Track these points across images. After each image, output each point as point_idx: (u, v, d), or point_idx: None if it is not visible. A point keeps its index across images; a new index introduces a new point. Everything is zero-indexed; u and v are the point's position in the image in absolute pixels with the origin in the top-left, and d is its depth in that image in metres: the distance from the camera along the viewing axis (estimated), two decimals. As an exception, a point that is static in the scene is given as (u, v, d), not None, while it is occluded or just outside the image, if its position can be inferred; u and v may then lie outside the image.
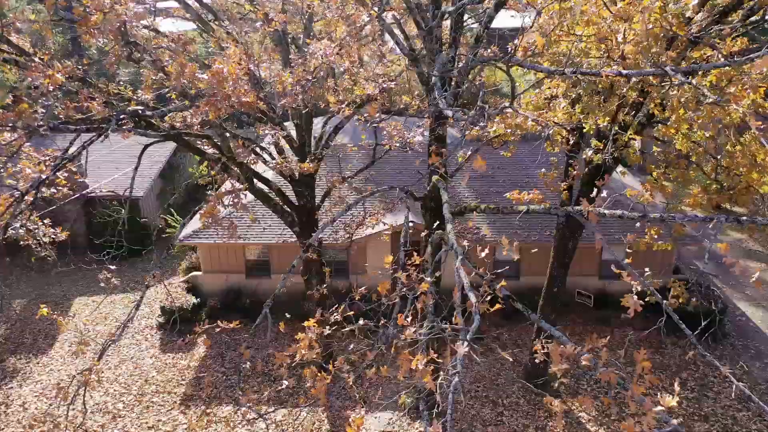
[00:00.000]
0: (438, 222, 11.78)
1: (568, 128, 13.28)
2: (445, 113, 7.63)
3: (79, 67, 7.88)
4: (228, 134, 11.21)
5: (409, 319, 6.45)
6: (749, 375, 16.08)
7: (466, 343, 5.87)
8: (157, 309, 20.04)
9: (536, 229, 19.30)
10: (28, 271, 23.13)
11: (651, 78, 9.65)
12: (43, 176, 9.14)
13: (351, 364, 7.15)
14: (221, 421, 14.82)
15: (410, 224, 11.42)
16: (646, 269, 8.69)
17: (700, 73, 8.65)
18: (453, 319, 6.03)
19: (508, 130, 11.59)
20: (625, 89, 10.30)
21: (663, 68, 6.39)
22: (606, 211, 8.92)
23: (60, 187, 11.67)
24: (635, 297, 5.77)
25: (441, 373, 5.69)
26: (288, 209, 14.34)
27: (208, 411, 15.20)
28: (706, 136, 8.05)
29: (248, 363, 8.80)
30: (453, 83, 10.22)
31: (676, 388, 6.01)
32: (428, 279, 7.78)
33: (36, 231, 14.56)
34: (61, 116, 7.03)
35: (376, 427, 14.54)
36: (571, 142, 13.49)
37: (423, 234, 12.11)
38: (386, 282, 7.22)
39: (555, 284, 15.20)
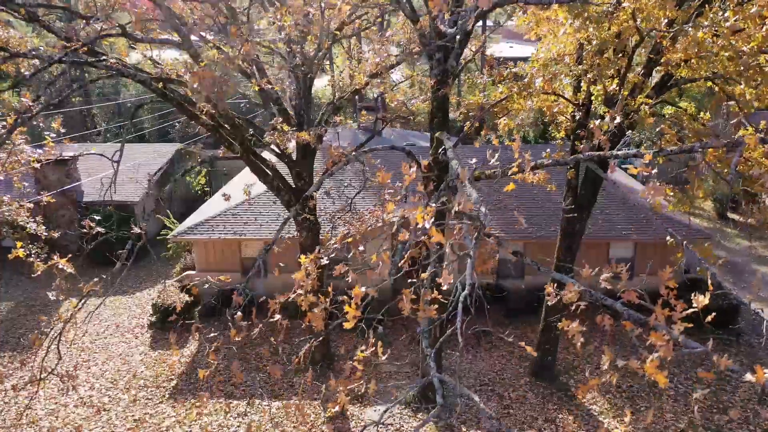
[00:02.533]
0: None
1: (575, 103, 12.93)
2: (446, 32, 7.29)
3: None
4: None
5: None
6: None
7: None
8: (149, 309, 19.31)
9: (541, 225, 18.78)
10: (18, 276, 22.46)
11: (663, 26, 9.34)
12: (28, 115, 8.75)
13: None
14: (212, 413, 14.01)
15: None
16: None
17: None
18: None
19: (514, 90, 11.23)
20: (632, 40, 9.97)
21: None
22: (619, 152, 8.46)
23: (47, 148, 11.25)
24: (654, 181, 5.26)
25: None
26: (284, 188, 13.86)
27: (198, 404, 14.40)
28: (725, 57, 7.64)
29: (239, 312, 8.18)
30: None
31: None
32: (433, 204, 7.28)
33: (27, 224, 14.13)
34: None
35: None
36: (578, 118, 13.10)
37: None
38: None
39: (562, 272, 14.57)
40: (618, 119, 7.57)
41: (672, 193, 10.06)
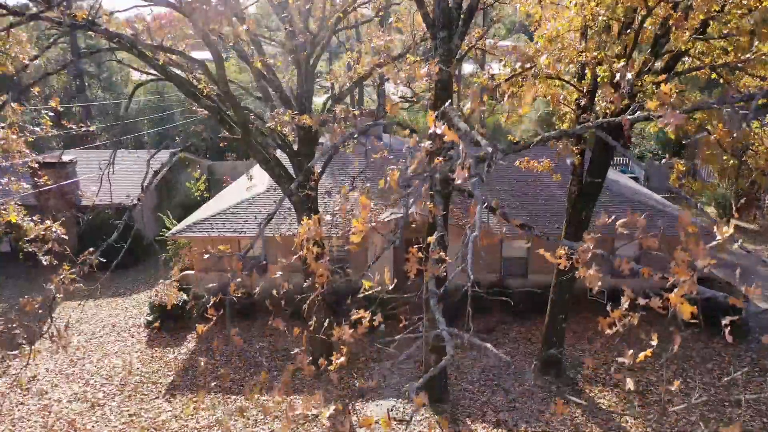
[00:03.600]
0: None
1: (579, 89, 12.79)
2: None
3: None
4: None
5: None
6: (778, 367, 15.05)
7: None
8: (146, 310, 18.98)
9: (544, 225, 18.56)
10: (16, 279, 22.17)
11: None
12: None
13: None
14: (209, 408, 13.63)
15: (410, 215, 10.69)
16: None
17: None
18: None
19: (518, 65, 11.09)
20: (639, 15, 9.85)
21: None
22: (630, 117, 8.28)
23: (44, 126, 11.04)
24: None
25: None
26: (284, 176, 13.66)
27: (194, 399, 14.02)
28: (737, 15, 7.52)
29: (240, 280, 7.93)
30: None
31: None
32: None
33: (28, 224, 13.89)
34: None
35: (379, 415, 13.33)
36: (582, 103, 12.95)
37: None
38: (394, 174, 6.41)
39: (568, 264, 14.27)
40: (629, 76, 7.41)
41: (684, 168, 9.85)
